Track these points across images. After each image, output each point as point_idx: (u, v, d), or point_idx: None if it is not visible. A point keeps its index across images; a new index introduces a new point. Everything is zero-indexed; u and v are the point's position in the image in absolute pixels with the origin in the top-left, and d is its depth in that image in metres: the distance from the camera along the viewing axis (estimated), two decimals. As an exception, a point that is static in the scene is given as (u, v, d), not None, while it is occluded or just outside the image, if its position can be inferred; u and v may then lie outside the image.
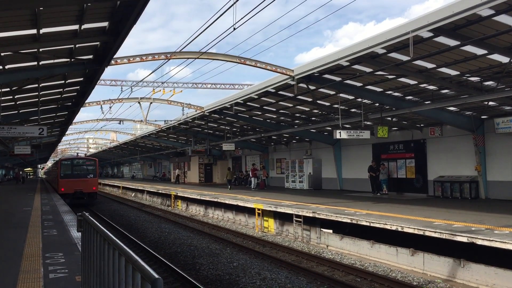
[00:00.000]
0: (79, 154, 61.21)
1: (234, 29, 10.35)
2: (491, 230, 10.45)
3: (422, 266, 11.46)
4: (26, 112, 21.14)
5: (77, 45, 11.73)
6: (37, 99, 18.01)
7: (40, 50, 11.81)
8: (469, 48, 12.52)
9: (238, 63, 15.53)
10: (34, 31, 10.17)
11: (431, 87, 16.73)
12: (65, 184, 29.66)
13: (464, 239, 10.00)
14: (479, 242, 9.67)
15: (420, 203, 17.74)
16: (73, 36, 10.89)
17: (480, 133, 19.60)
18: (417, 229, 11.24)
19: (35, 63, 13.10)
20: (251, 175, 31.58)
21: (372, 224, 12.81)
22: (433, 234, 10.81)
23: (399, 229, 11.82)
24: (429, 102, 18.06)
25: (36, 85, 15.60)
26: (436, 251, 11.24)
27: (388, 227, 12.21)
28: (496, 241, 9.34)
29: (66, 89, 17.63)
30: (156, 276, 2.24)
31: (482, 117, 19.58)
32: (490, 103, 17.27)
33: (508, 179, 18.66)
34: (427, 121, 21.51)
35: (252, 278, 10.74)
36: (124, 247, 3.05)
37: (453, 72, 14.68)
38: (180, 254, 14.04)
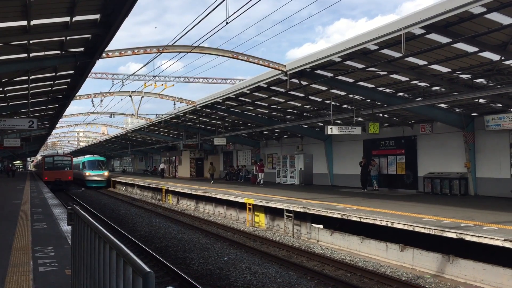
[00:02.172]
0: (64, 152, 75.68)
1: (227, 23, 10.32)
2: (479, 227, 10.55)
3: (411, 261, 11.55)
4: (16, 104, 20.93)
5: (68, 38, 11.61)
6: (27, 92, 17.85)
7: (31, 42, 11.68)
8: (460, 46, 12.60)
9: (231, 57, 15.49)
10: (24, 22, 10.05)
11: (423, 84, 16.81)
12: (48, 174, 40.69)
13: (453, 235, 10.09)
14: (468, 238, 9.76)
15: (410, 199, 17.87)
16: (64, 28, 10.78)
17: (470, 130, 19.75)
18: (407, 224, 11.33)
19: (25, 55, 12.96)
20: (258, 171, 30.82)
21: (362, 220, 12.88)
22: (422, 230, 10.89)
23: (389, 224, 11.90)
24: (420, 99, 18.15)
25: (26, 77, 15.45)
26: (425, 247, 11.34)
27: (378, 222, 12.29)
28: (484, 237, 9.44)
29: (57, 81, 17.47)
30: (148, 269, 2.23)
31: (472, 114, 19.72)
32: (481, 100, 17.40)
33: (497, 176, 18.83)
34: (418, 118, 21.62)
35: (243, 273, 10.77)
36: (115, 240, 3.04)
37: (445, 69, 14.75)
38: (171, 248, 14.03)
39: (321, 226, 15.09)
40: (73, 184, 46.60)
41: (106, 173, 47.27)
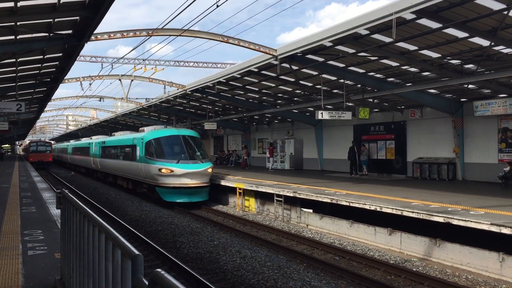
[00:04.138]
0: (46, 139, 76.95)
1: (217, 6, 10.23)
2: (466, 211, 10.69)
3: (399, 245, 11.70)
4: (3, 87, 20.66)
5: (56, 20, 11.44)
6: (14, 75, 17.62)
7: (18, 23, 11.50)
8: (451, 31, 12.61)
9: (221, 41, 15.39)
10: (11, 4, 9.88)
11: (413, 69, 16.85)
12: (33, 156, 49.22)
13: (441, 220, 10.22)
14: (455, 222, 9.90)
15: (399, 184, 18.02)
16: (51, 10, 10.61)
17: (459, 116, 19.89)
18: (395, 209, 11.45)
19: (13, 37, 12.77)
20: (269, 155, 29.57)
21: (351, 204, 12.99)
22: (410, 214, 11.02)
23: (378, 209, 12.01)
24: (410, 84, 18.22)
25: (14, 60, 15.24)
26: (414, 231, 11.48)
27: (367, 207, 12.40)
28: (471, 221, 9.57)
29: (45, 64, 17.25)
30: (137, 252, 2.24)
31: (462, 100, 19.83)
32: (470, 86, 17.49)
33: (484, 161, 19.03)
34: (407, 103, 21.70)
35: (233, 256, 10.85)
36: (104, 223, 3.05)
37: (435, 55, 14.79)
38: (161, 232, 14.07)
39: (311, 211, 15.21)
40: (130, 191, 24.92)
41: (209, 167, 20.08)
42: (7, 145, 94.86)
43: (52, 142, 63.17)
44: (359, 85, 19.40)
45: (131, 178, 23.47)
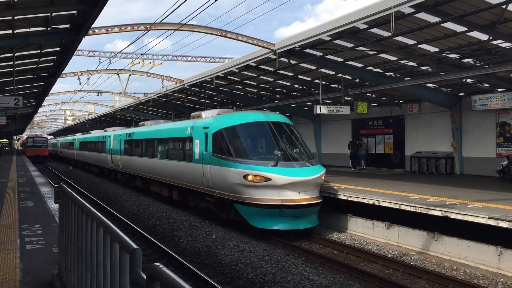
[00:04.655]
0: (42, 134, 77.68)
1: (215, 0, 10.18)
2: (464, 205, 10.71)
3: (397, 239, 11.72)
4: (0, 82, 20.59)
5: (53, 14, 11.39)
6: (12, 69, 17.55)
7: (15, 18, 11.44)
8: (449, 25, 12.59)
9: (219, 35, 15.35)
10: (8, -3, 9.84)
11: (411, 64, 16.84)
12: (30, 150, 52.03)
13: (439, 213, 10.24)
14: (453, 216, 9.92)
15: (397, 178, 18.04)
16: (49, 4, 10.55)
17: (457, 110, 19.89)
18: (393, 203, 11.47)
19: (10, 31, 12.71)
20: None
21: (349, 198, 13.01)
22: (408, 208, 11.04)
23: (376, 203, 12.03)
24: (408, 78, 18.21)
25: (11, 54, 15.18)
26: (411, 225, 11.50)
27: (365, 201, 12.42)
28: (469, 215, 9.59)
29: (42, 59, 17.19)
30: (135, 246, 2.24)
31: (460, 94, 19.84)
32: (468, 80, 17.49)
33: (482, 155, 19.06)
34: (406, 98, 21.70)
35: (231, 251, 10.85)
36: (103, 217, 3.04)
37: (433, 49, 14.77)
38: (159, 226, 14.06)
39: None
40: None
41: (323, 173, 13.04)
42: (4, 140, 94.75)
43: (49, 137, 66.51)
44: (357, 80, 19.39)
45: (182, 186, 16.29)
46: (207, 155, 13.66)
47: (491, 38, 12.94)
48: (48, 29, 12.58)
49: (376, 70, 18.15)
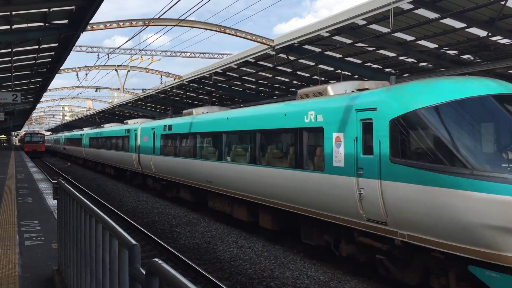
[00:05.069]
0: (39, 130, 79.17)
1: (214, -4, 10.16)
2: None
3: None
4: (-2, 77, 20.59)
5: (51, 9, 11.36)
6: (10, 65, 17.51)
7: (13, 13, 11.40)
8: (448, 21, 12.59)
9: (218, 31, 15.33)
10: (6, -7, 9.81)
11: (410, 60, 16.84)
12: (28, 146, 55.28)
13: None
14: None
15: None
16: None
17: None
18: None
19: (8, 27, 12.67)
20: None
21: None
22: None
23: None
24: (407, 75, 18.21)
25: (9, 50, 15.14)
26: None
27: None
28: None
29: (40, 54, 17.15)
30: (134, 242, 2.24)
31: (459, 90, 19.83)
32: (467, 76, 17.49)
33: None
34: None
35: (230, 247, 10.87)
36: (101, 214, 3.04)
37: (432, 45, 14.77)
38: (158, 223, 14.08)
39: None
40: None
41: None
42: (3, 136, 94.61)
43: (47, 133, 68.88)
44: (356, 76, 19.39)
45: (291, 210, 9.91)
46: (374, 160, 7.51)
47: (490, 34, 12.95)
48: (46, 24, 12.55)
49: (375, 66, 18.15)
